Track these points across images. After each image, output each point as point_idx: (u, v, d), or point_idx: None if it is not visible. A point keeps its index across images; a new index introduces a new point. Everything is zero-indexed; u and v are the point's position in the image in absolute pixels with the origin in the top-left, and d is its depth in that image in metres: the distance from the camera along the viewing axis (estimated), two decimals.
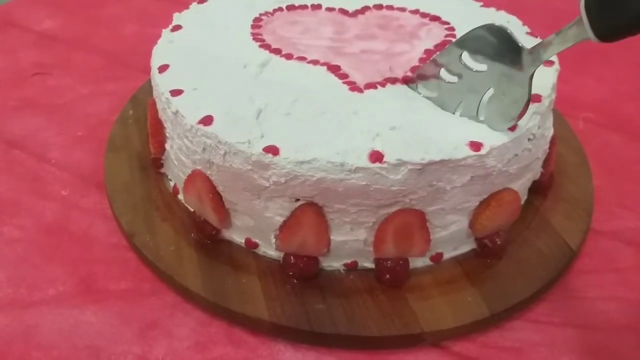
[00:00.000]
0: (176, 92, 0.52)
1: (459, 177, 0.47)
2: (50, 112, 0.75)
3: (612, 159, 0.70)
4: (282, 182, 0.46)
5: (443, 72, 0.52)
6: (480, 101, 0.49)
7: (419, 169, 0.45)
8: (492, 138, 0.48)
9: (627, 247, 0.59)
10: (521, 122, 0.49)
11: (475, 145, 0.47)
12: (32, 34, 0.90)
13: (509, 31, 0.48)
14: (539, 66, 0.47)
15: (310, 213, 0.48)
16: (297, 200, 0.48)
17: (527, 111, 0.50)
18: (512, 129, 0.48)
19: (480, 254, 0.54)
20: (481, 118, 0.50)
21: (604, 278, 0.56)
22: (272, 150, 0.46)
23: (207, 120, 0.49)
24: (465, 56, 0.51)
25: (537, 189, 0.60)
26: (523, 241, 0.56)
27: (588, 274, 0.57)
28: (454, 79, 0.51)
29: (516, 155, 0.49)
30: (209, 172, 0.50)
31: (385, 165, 0.45)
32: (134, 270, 0.56)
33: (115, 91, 0.78)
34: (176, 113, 0.51)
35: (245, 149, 0.46)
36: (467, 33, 0.50)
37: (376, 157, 0.46)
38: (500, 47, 0.48)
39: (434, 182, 0.47)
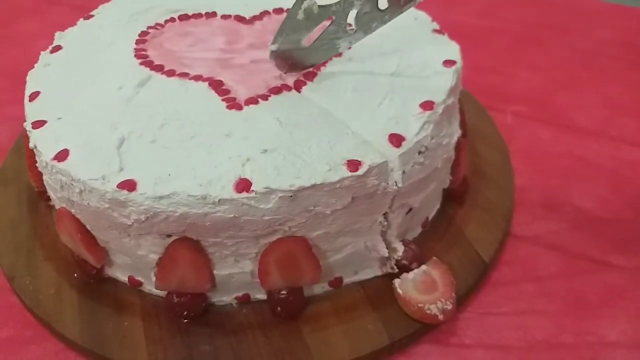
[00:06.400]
0: (38, 124, 0.48)
1: (337, 200, 0.43)
2: None
3: (539, 155, 0.66)
4: (143, 219, 0.42)
5: None
6: None
7: (290, 196, 0.41)
8: (374, 155, 0.44)
9: (548, 252, 0.55)
10: (409, 135, 0.45)
11: (353, 165, 0.43)
12: None
13: None
14: None
15: (183, 249, 0.44)
16: (169, 235, 0.44)
17: (418, 121, 0.47)
18: (397, 144, 0.44)
19: (384, 275, 0.50)
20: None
21: (522, 289, 0.53)
22: (129, 185, 0.42)
23: (62, 156, 0.44)
24: None
25: (450, 197, 0.56)
26: (433, 256, 0.52)
27: (505, 286, 0.53)
28: None
29: (403, 172, 0.45)
30: (73, 211, 0.46)
31: (252, 194, 0.41)
32: (17, 316, 0.52)
33: (17, 116, 0.73)
34: (35, 148, 0.47)
35: (99, 186, 0.42)
36: None
37: (243, 186, 0.41)
38: None
39: (310, 207, 0.43)
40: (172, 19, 0.61)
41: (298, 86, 0.51)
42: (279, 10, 0.62)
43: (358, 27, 0.50)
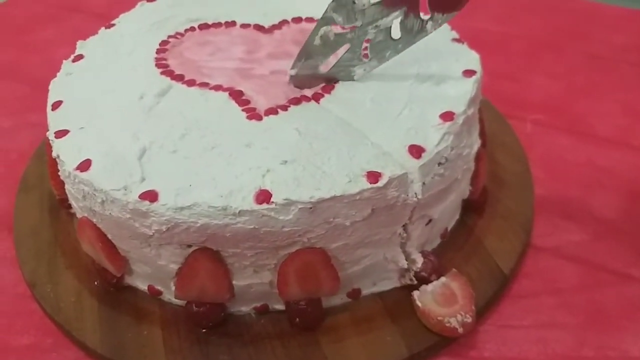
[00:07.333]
0: (61, 133, 0.49)
1: (357, 211, 0.43)
2: None
3: (559, 164, 0.65)
4: (164, 230, 0.42)
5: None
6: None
7: (310, 208, 0.41)
8: (394, 166, 0.44)
9: (569, 264, 0.55)
10: (429, 147, 0.45)
11: (373, 177, 0.42)
12: None
13: None
14: None
15: (204, 259, 0.44)
16: (189, 246, 0.44)
17: (438, 132, 0.46)
18: (417, 155, 0.44)
19: (403, 286, 0.50)
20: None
21: (543, 302, 0.52)
22: (150, 196, 0.42)
23: (84, 166, 0.45)
24: None
25: (470, 207, 0.56)
26: (452, 267, 0.51)
27: (525, 298, 0.52)
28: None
29: (423, 183, 0.45)
30: (94, 220, 0.47)
31: (273, 206, 0.41)
32: (38, 323, 0.52)
33: (39, 122, 0.74)
34: (57, 157, 0.47)
35: (121, 196, 0.42)
36: None
37: (263, 197, 0.42)
38: None
39: (330, 219, 0.42)
40: (192, 28, 0.62)
41: (317, 97, 0.51)
42: (297, 20, 0.62)
43: (372, 55, 0.50)
